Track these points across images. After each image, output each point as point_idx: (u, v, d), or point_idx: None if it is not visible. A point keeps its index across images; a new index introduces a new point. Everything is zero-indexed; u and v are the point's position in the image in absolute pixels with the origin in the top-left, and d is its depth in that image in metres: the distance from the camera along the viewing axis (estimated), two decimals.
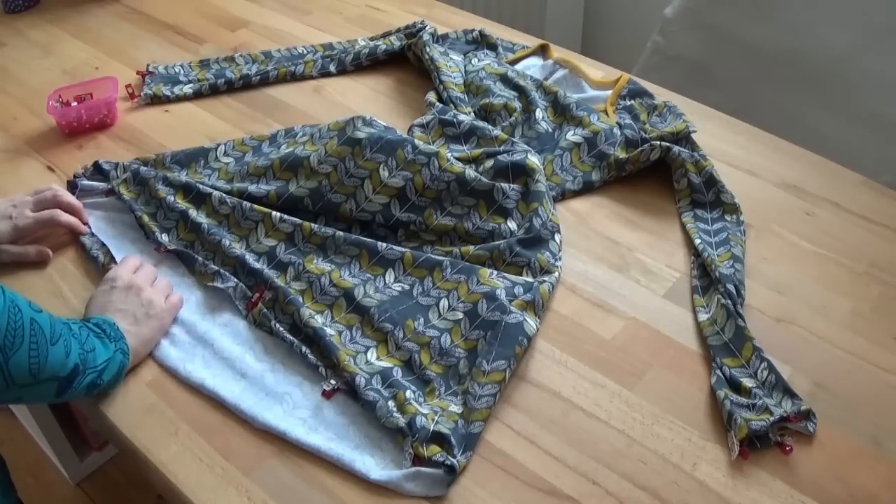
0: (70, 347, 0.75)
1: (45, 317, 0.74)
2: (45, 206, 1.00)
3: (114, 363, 0.81)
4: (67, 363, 0.75)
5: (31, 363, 0.71)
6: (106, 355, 0.80)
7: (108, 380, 0.81)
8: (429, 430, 0.77)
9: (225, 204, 1.02)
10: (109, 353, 0.81)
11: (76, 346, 0.76)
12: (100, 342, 0.80)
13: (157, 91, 1.28)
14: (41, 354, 0.72)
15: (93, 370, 0.78)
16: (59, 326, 0.75)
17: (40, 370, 0.72)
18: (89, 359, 0.78)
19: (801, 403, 0.80)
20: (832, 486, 0.75)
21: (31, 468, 1.73)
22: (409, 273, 0.94)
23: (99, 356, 0.79)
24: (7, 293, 0.71)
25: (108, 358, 0.80)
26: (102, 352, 0.80)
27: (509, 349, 0.84)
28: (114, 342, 0.82)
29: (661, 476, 0.76)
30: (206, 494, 0.76)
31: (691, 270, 0.97)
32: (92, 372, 0.78)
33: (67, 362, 0.75)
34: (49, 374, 0.73)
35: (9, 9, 1.55)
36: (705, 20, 1.64)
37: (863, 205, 1.06)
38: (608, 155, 1.10)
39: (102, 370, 0.79)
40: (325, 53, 1.38)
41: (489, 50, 1.35)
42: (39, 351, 0.71)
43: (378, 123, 1.05)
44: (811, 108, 1.51)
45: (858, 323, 0.90)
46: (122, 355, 0.82)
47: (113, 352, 0.81)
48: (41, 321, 0.73)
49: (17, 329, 0.70)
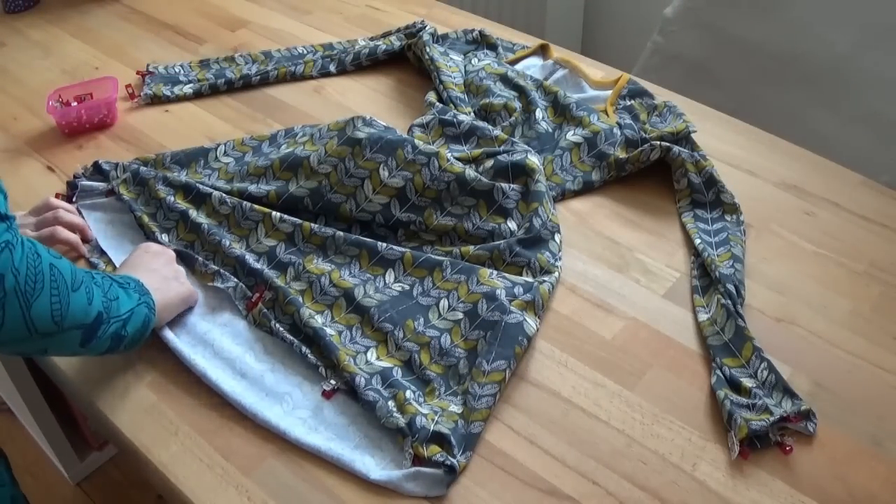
0: (92, 294, 0.74)
1: (66, 263, 0.73)
2: (46, 226, 0.99)
3: (138, 315, 0.80)
4: (90, 310, 0.73)
5: (54, 310, 0.70)
6: (130, 305, 0.79)
7: (133, 332, 0.80)
8: (429, 430, 0.77)
9: (225, 204, 1.02)
10: (133, 302, 0.80)
11: (99, 293, 0.75)
12: (123, 292, 0.79)
13: (157, 91, 1.29)
14: (63, 300, 0.70)
15: (117, 319, 0.77)
16: (81, 274, 0.74)
17: (63, 317, 0.71)
18: (113, 307, 0.77)
19: (801, 403, 0.80)
20: (832, 486, 0.75)
21: (31, 468, 1.73)
22: (409, 273, 0.94)
23: (123, 305, 0.78)
24: (27, 242, 0.69)
25: (132, 308, 0.79)
26: (126, 301, 0.79)
27: (509, 349, 0.84)
28: (139, 294, 0.81)
29: (661, 476, 0.76)
30: (206, 494, 0.76)
31: (691, 270, 0.97)
32: (116, 321, 0.77)
33: (90, 309, 0.73)
34: (72, 321, 0.72)
35: (9, 9, 1.55)
36: (705, 20, 1.64)
37: (863, 205, 1.06)
38: (608, 155, 1.10)
39: (126, 320, 0.78)
40: (325, 53, 1.38)
41: (489, 50, 1.35)
42: (61, 297, 0.70)
43: (378, 123, 1.05)
44: (811, 108, 1.51)
45: (858, 323, 0.90)
46: (147, 308, 0.82)
47: (137, 303, 0.80)
48: (61, 267, 0.71)
49: (37, 274, 0.68)
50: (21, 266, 0.67)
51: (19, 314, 0.67)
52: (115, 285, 0.79)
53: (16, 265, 0.66)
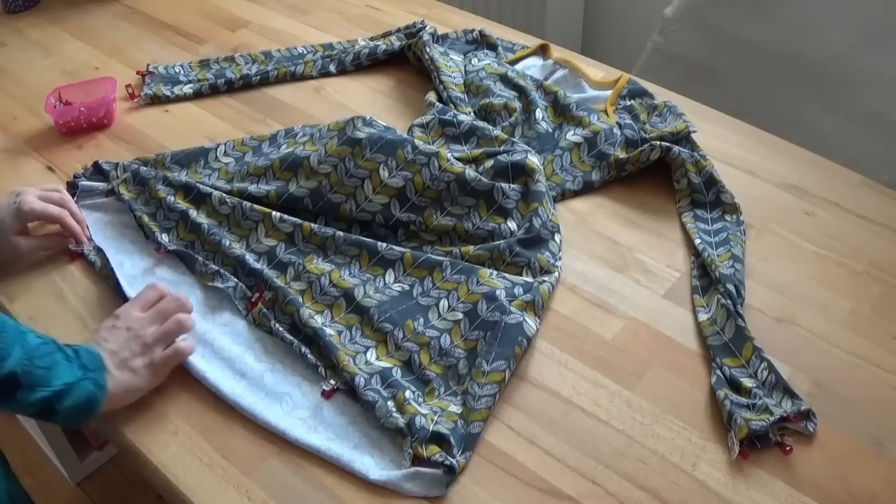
0: (8, 352, 0.69)
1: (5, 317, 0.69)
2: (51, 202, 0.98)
3: (78, 391, 0.74)
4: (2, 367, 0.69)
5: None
6: (67, 378, 0.74)
7: (70, 407, 0.74)
8: (428, 430, 0.77)
9: (225, 204, 1.02)
10: (73, 378, 0.74)
11: (19, 353, 0.71)
12: (66, 364, 0.74)
13: (157, 91, 1.28)
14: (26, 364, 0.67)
15: (44, 389, 0.72)
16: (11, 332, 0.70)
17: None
18: (39, 375, 0.72)
19: (801, 403, 0.80)
20: (832, 486, 0.75)
21: (31, 468, 1.73)
22: (409, 273, 0.94)
23: (57, 377, 0.73)
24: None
25: (71, 382, 0.74)
26: (64, 374, 0.74)
27: (509, 350, 0.84)
28: (84, 370, 0.76)
29: (661, 476, 0.76)
30: (206, 494, 0.75)
31: (691, 270, 0.97)
32: (44, 391, 0.72)
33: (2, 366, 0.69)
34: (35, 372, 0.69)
35: (9, 9, 1.55)
36: (705, 20, 1.64)
37: (863, 205, 1.06)
38: (608, 155, 1.10)
39: (60, 392, 0.73)
40: (325, 53, 1.38)
41: (489, 50, 1.35)
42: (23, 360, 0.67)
43: (378, 123, 1.05)
44: (811, 108, 1.51)
45: (858, 323, 0.90)
46: (94, 385, 0.75)
47: (79, 378, 0.74)
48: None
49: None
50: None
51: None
52: (55, 354, 0.74)
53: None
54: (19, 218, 0.95)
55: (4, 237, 0.94)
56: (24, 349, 0.72)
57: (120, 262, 0.98)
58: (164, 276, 0.96)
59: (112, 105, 1.23)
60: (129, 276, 0.96)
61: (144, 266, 0.98)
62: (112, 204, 1.06)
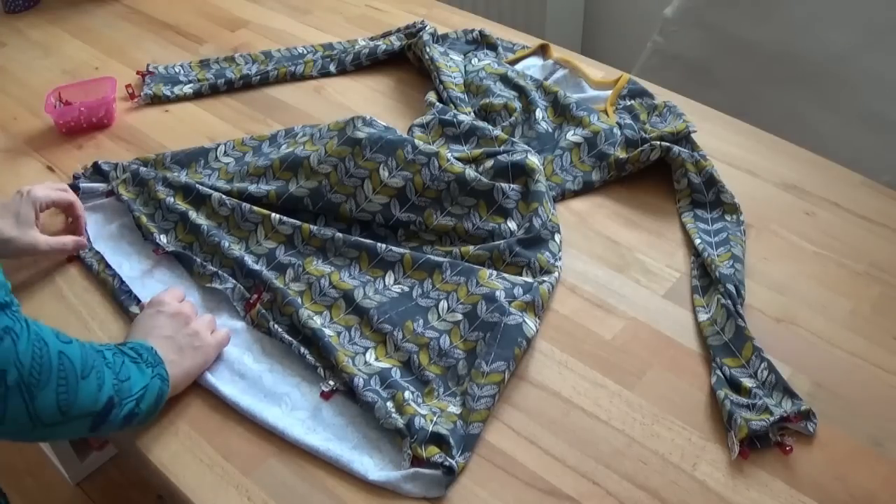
0: (103, 379, 0.70)
1: (76, 348, 0.69)
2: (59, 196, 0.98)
3: (151, 390, 0.76)
4: (100, 397, 0.70)
5: (61, 400, 0.66)
6: (143, 382, 0.75)
7: (147, 408, 0.76)
8: (427, 430, 0.77)
9: (224, 206, 1.02)
10: (146, 379, 0.76)
11: (110, 376, 0.71)
12: (136, 368, 0.75)
13: (157, 91, 1.28)
14: (70, 390, 0.67)
15: (129, 399, 0.73)
16: (91, 356, 0.70)
17: (70, 406, 0.67)
18: (124, 388, 0.73)
19: (801, 403, 0.80)
20: (832, 486, 0.75)
21: (31, 468, 1.73)
22: (409, 275, 0.94)
23: (135, 384, 0.74)
24: (32, 326, 0.66)
25: (145, 385, 0.75)
26: (139, 379, 0.75)
27: (508, 351, 0.84)
28: (151, 367, 0.77)
29: (661, 476, 0.76)
30: (206, 494, 0.75)
31: (691, 270, 0.97)
32: (129, 401, 0.73)
33: (100, 396, 0.70)
34: (81, 410, 0.68)
35: (9, 9, 1.55)
36: (705, 20, 1.64)
37: (863, 205, 1.06)
38: (608, 155, 1.10)
39: (139, 398, 0.74)
40: (325, 53, 1.38)
41: (489, 50, 1.35)
42: (69, 387, 0.67)
43: (378, 123, 1.05)
44: (811, 108, 1.51)
45: (858, 323, 0.90)
46: (161, 381, 0.77)
47: (150, 378, 0.76)
48: (71, 354, 0.68)
49: (42, 364, 0.64)
50: (25, 357, 0.63)
51: (22, 407, 0.64)
52: (126, 362, 0.75)
53: (20, 357, 0.63)
54: (32, 206, 0.94)
55: (27, 231, 0.92)
56: (111, 369, 0.72)
57: (118, 263, 0.98)
58: (163, 278, 0.96)
59: (112, 105, 1.23)
60: (128, 277, 0.96)
61: (143, 268, 0.98)
62: (112, 205, 1.06)
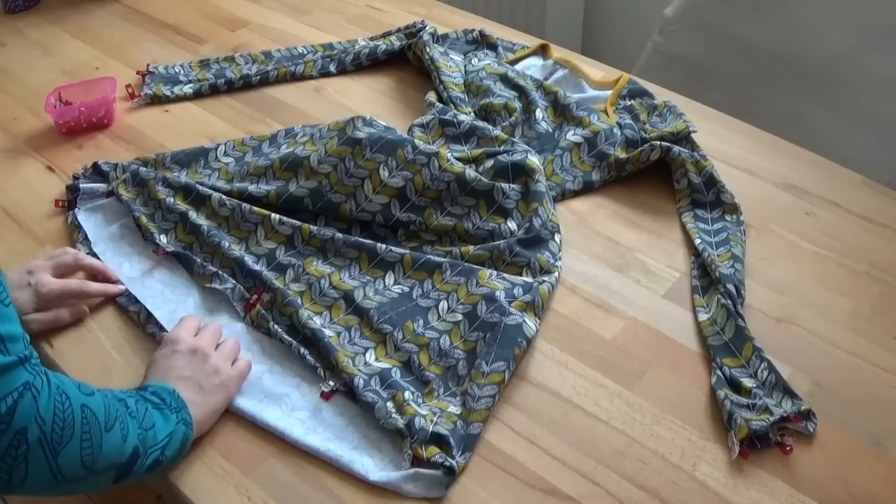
0: (127, 430, 0.68)
1: (98, 400, 0.67)
2: (66, 271, 0.93)
3: (176, 436, 0.74)
4: (125, 448, 0.68)
5: (84, 455, 0.64)
6: (167, 429, 0.73)
7: (172, 454, 0.74)
8: (427, 430, 0.77)
9: (224, 206, 1.02)
10: (171, 426, 0.73)
11: (134, 427, 0.69)
12: (159, 415, 0.73)
13: (157, 91, 1.28)
14: (94, 444, 0.65)
15: (154, 448, 0.71)
16: (114, 407, 0.68)
17: (94, 461, 0.65)
18: (149, 437, 0.71)
19: (801, 403, 0.80)
20: (832, 486, 0.75)
21: None
22: (409, 275, 0.94)
23: (160, 432, 0.72)
24: (53, 379, 0.63)
25: (170, 432, 0.73)
26: (163, 426, 0.73)
27: (508, 351, 0.84)
28: (175, 412, 0.74)
29: (661, 476, 0.76)
30: (206, 494, 0.75)
31: (691, 270, 0.97)
32: (154, 450, 0.71)
33: (125, 447, 0.68)
34: (105, 463, 0.66)
35: (9, 9, 1.55)
36: (705, 20, 1.64)
37: (863, 205, 1.06)
38: (608, 155, 1.10)
39: (164, 446, 0.72)
40: (325, 53, 1.37)
41: (489, 50, 1.35)
42: (93, 441, 0.64)
43: (378, 123, 1.05)
44: (811, 108, 1.51)
45: (858, 323, 0.90)
46: (185, 426, 0.75)
47: (175, 423, 0.74)
48: (94, 406, 0.66)
49: (66, 419, 0.62)
50: (47, 413, 0.61)
51: (45, 465, 0.62)
52: (150, 409, 0.72)
53: (41, 413, 0.61)
54: (39, 299, 0.88)
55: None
56: (135, 419, 0.70)
57: (119, 264, 0.98)
58: (163, 278, 0.96)
59: (112, 105, 1.23)
60: (128, 277, 0.96)
61: (143, 268, 0.98)
62: (111, 205, 1.06)
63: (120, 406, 0.69)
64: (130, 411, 0.70)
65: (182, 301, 0.94)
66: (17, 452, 0.60)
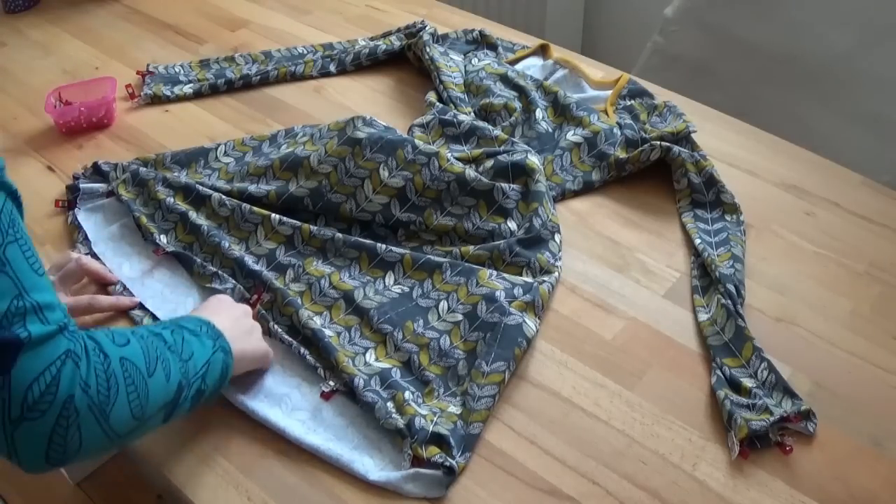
0: (169, 368, 0.67)
1: (135, 346, 0.65)
2: (71, 278, 0.92)
3: (215, 364, 0.73)
4: (170, 387, 0.67)
5: (133, 408, 0.63)
6: (205, 356, 0.72)
7: (213, 383, 0.72)
8: (428, 430, 0.77)
9: (224, 206, 1.02)
10: (208, 352, 0.72)
11: (175, 361, 0.68)
12: (197, 341, 0.72)
13: (157, 91, 1.28)
14: (141, 394, 0.63)
15: (195, 377, 0.70)
16: (152, 347, 0.66)
17: (144, 410, 0.64)
18: (190, 368, 0.70)
19: (801, 403, 0.80)
20: (832, 486, 0.75)
21: None
22: (409, 275, 0.94)
23: (199, 360, 0.71)
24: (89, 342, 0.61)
25: (208, 359, 0.72)
26: (201, 353, 0.72)
27: (508, 351, 0.84)
28: (212, 340, 0.74)
29: (661, 476, 0.76)
30: (206, 494, 0.76)
31: (691, 270, 0.97)
32: (196, 380, 0.70)
33: (170, 386, 0.67)
34: (154, 407, 0.65)
35: (9, 9, 1.55)
36: (706, 20, 1.64)
37: (863, 205, 1.06)
38: (608, 155, 1.10)
39: (204, 374, 0.71)
40: (325, 53, 1.38)
41: (489, 50, 1.35)
42: (139, 391, 0.63)
43: (378, 123, 1.05)
44: (811, 108, 1.51)
45: (858, 323, 0.90)
46: (224, 353, 0.74)
47: (212, 350, 0.73)
48: (132, 356, 0.64)
49: (109, 379, 0.61)
50: (90, 377, 0.60)
51: (97, 429, 0.61)
52: (186, 337, 0.71)
53: (84, 379, 0.59)
54: None
55: None
56: (174, 352, 0.69)
57: (119, 264, 0.98)
58: (163, 278, 0.96)
59: (112, 105, 1.23)
60: (128, 278, 0.96)
61: (143, 268, 0.98)
62: (111, 206, 1.06)
63: (157, 342, 0.68)
64: (168, 345, 0.69)
65: (182, 301, 0.94)
66: (68, 422, 0.59)
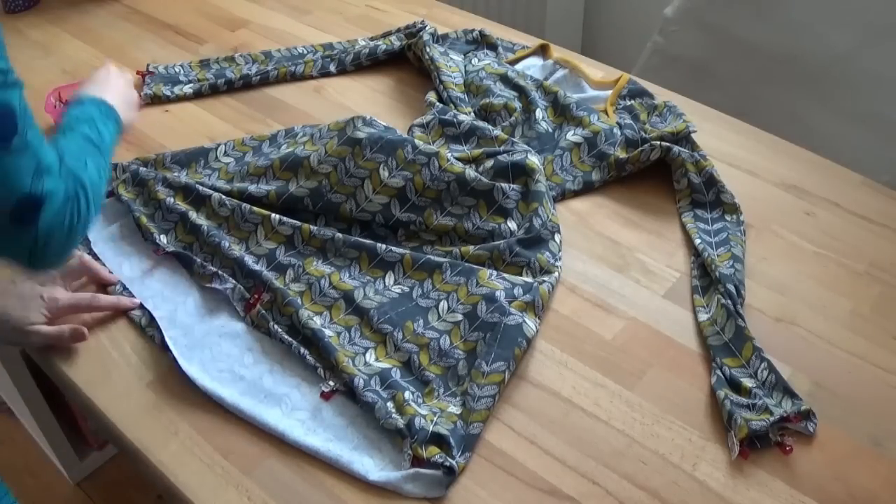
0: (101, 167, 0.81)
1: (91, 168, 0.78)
2: (73, 275, 0.93)
3: (116, 142, 0.89)
4: (102, 181, 0.81)
5: (95, 208, 0.77)
6: (111, 142, 0.88)
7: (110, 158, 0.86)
8: (428, 431, 0.77)
9: (224, 206, 1.02)
10: (113, 136, 0.88)
11: (103, 158, 0.83)
12: (105, 130, 0.87)
13: (157, 91, 1.28)
14: (98, 199, 0.78)
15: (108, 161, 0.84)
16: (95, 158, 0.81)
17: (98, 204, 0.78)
18: (107, 158, 0.85)
19: (801, 403, 0.80)
20: (832, 486, 0.75)
21: (31, 468, 1.73)
22: (409, 275, 0.94)
23: (109, 146, 0.86)
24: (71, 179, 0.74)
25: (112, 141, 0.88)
26: (109, 141, 0.87)
27: (508, 351, 0.84)
28: (113, 122, 0.89)
29: (661, 476, 0.76)
30: (206, 494, 0.76)
31: (691, 270, 0.97)
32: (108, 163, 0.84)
33: (102, 181, 0.81)
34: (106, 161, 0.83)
35: (9, 9, 1.55)
36: (705, 20, 1.64)
37: (863, 205, 1.06)
38: (608, 155, 1.10)
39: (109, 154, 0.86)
40: (325, 53, 1.38)
41: (489, 50, 1.35)
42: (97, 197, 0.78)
43: (378, 123, 1.05)
44: (811, 108, 1.51)
45: (858, 323, 0.90)
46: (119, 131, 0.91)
47: (115, 134, 0.89)
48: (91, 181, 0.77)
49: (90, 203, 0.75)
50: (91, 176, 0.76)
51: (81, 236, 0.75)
52: (100, 128, 0.86)
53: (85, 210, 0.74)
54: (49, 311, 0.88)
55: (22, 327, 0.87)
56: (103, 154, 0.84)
57: (119, 264, 0.98)
58: (163, 278, 0.96)
59: None
60: (128, 278, 0.96)
61: (143, 268, 0.98)
62: (111, 205, 1.06)
63: (91, 148, 0.82)
64: (97, 146, 0.84)
65: (182, 301, 0.94)
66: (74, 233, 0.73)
